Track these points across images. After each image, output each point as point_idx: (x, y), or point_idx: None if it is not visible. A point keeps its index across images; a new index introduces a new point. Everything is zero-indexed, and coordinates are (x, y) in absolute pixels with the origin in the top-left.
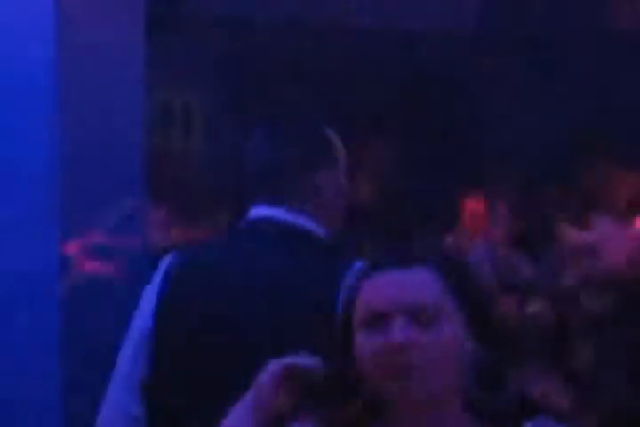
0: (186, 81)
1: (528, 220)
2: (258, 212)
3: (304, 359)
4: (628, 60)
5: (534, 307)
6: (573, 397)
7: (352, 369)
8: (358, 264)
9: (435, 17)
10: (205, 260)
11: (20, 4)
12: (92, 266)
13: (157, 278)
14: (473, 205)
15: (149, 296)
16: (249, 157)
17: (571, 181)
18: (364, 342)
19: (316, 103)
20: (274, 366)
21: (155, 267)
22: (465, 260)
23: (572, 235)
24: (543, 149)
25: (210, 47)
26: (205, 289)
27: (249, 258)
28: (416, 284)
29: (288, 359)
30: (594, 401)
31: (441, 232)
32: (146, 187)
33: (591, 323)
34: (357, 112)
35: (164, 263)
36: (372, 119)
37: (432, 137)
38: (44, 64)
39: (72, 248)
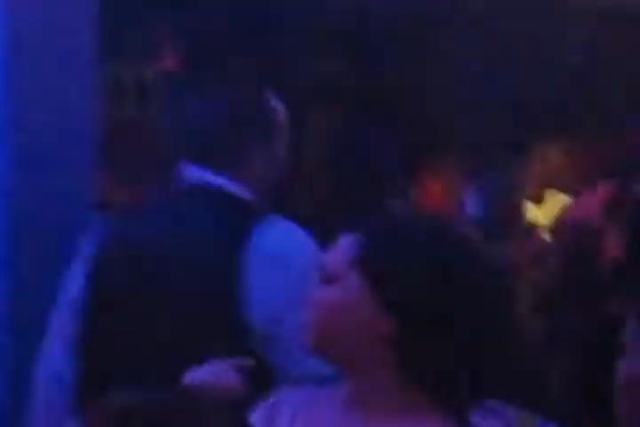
0: (139, 52)
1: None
2: (188, 175)
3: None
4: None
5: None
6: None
7: None
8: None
9: None
10: (133, 223)
11: None
12: None
13: (88, 242)
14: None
15: (80, 260)
16: (184, 122)
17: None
18: None
19: (261, 73)
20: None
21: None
22: (392, 228)
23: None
24: (490, 120)
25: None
26: (132, 249)
27: (173, 218)
28: (337, 249)
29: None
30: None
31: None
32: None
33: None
34: (305, 82)
35: (94, 228)
36: (318, 90)
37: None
38: None
39: None
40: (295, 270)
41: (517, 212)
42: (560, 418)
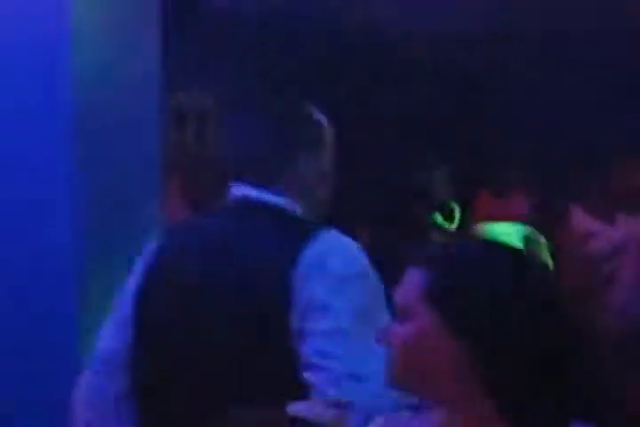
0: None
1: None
2: (238, 191)
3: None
4: None
5: None
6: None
7: None
8: (322, 236)
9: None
10: (185, 238)
11: (31, 6)
12: None
13: (141, 260)
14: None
15: (133, 276)
16: (233, 140)
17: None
18: None
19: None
20: None
21: None
22: (455, 258)
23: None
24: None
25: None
26: (184, 265)
27: (223, 234)
28: (405, 284)
29: None
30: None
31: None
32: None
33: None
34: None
35: (147, 248)
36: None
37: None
38: (60, 65)
39: None
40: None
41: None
42: None
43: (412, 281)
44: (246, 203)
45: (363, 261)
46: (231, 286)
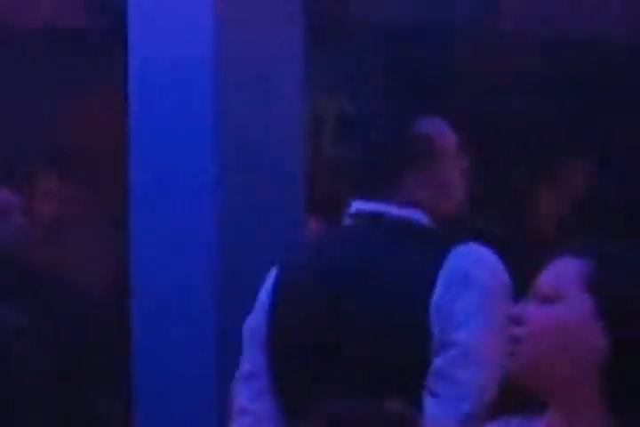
0: (343, 90)
1: None
2: (358, 206)
3: None
4: None
5: None
6: None
7: None
8: (462, 248)
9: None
10: (313, 258)
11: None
12: None
13: (269, 280)
14: None
15: (262, 297)
16: (348, 155)
17: None
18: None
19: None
20: None
21: None
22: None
23: None
24: None
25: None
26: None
27: (356, 253)
28: (556, 269)
29: None
30: None
31: None
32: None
33: None
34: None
35: (277, 265)
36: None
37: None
38: (204, 79)
39: None
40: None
41: None
42: None
43: (569, 267)
44: (375, 218)
45: (504, 272)
46: (365, 301)
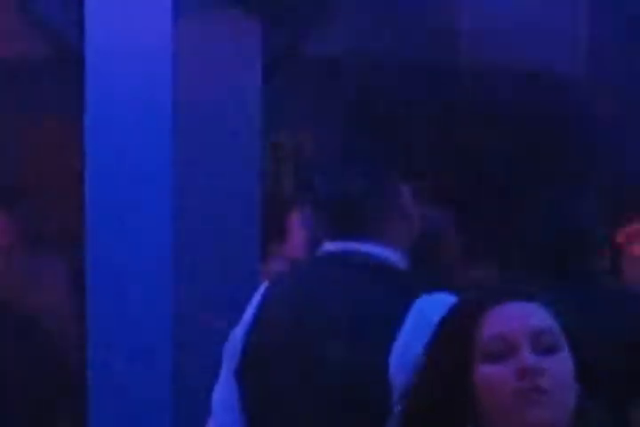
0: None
1: None
2: (335, 244)
3: None
4: None
5: None
6: None
7: (463, 400)
8: (441, 297)
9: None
10: (291, 290)
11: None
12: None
13: (250, 309)
14: None
15: (241, 324)
16: (318, 192)
17: None
18: (492, 373)
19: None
20: None
21: None
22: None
23: None
24: None
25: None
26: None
27: (330, 289)
28: (539, 314)
29: None
30: None
31: None
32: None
33: None
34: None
35: (257, 293)
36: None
37: None
38: (163, 110)
39: None
40: None
41: None
42: None
43: (544, 312)
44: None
45: None
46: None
